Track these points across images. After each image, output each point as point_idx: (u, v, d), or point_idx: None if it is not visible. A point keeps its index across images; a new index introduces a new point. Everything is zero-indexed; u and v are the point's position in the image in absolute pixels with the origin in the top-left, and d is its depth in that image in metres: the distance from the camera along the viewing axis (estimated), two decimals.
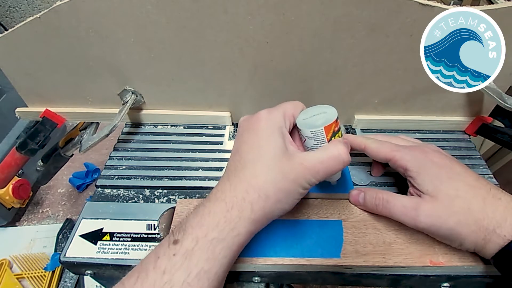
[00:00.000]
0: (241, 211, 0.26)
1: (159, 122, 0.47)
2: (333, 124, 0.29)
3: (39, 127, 0.46)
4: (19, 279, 0.79)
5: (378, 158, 0.34)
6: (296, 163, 0.27)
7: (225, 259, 0.25)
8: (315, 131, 0.29)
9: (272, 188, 0.26)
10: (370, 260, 0.30)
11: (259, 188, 0.26)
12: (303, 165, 0.27)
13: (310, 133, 0.29)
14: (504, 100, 0.33)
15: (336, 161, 0.27)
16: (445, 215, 0.28)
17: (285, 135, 0.29)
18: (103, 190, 0.39)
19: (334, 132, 0.29)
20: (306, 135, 0.30)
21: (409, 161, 0.31)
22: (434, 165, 0.30)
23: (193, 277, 0.23)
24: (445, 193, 0.29)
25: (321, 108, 0.30)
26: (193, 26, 0.35)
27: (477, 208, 0.27)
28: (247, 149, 0.28)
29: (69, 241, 0.33)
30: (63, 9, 0.35)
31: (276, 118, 0.29)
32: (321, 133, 0.29)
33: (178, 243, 0.24)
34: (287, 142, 0.29)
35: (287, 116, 0.30)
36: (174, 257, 0.23)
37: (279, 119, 0.29)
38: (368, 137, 0.36)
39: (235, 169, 0.28)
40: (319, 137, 0.29)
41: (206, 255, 0.24)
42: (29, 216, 0.96)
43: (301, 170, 0.27)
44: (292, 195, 0.27)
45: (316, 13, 0.33)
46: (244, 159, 0.28)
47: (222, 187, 0.27)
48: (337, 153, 0.27)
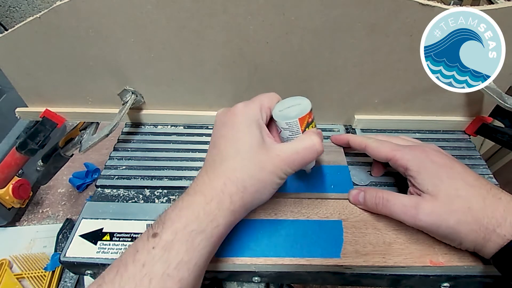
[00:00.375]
0: (220, 203, 0.26)
1: (159, 122, 0.47)
2: (307, 115, 0.29)
3: (39, 127, 0.46)
4: (19, 279, 0.79)
5: (378, 157, 0.34)
6: (273, 154, 0.28)
7: (204, 249, 0.25)
8: (290, 122, 0.29)
9: (249, 180, 0.27)
10: (370, 260, 0.30)
11: (237, 180, 0.27)
12: (279, 156, 0.28)
13: (285, 124, 0.30)
14: (504, 100, 0.33)
15: (310, 151, 0.28)
16: (445, 214, 0.28)
17: (262, 127, 0.30)
18: (103, 190, 0.39)
19: (308, 123, 0.30)
20: (281, 127, 0.30)
21: (410, 160, 0.31)
22: (434, 164, 0.31)
23: (172, 268, 0.23)
24: (445, 192, 0.29)
25: (295, 100, 0.31)
26: (193, 26, 0.35)
27: (477, 208, 0.27)
28: (224, 142, 0.29)
29: (69, 241, 0.33)
30: (63, 9, 0.35)
31: (253, 110, 0.30)
32: (296, 124, 0.29)
33: (157, 236, 0.24)
34: (264, 134, 0.29)
35: (263, 108, 0.30)
36: (153, 250, 0.24)
37: (256, 111, 0.30)
38: (368, 136, 0.36)
39: (214, 163, 0.28)
40: (293, 128, 0.30)
41: (185, 247, 0.24)
42: (29, 216, 0.96)
43: (278, 161, 0.28)
44: (270, 186, 0.28)
45: (316, 13, 0.33)
46: (222, 153, 0.28)
47: (201, 181, 0.28)
48: (311, 143, 0.28)
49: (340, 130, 0.45)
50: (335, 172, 0.37)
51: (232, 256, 0.31)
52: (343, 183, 0.36)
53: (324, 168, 0.38)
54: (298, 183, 0.36)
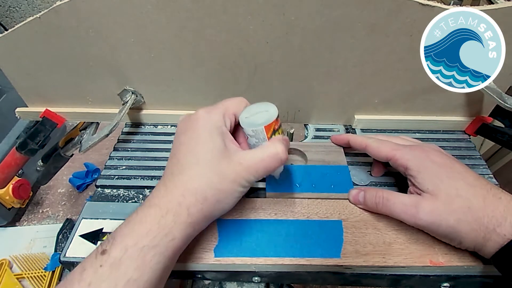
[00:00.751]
0: (176, 215, 0.25)
1: (159, 122, 0.47)
2: (273, 123, 0.29)
3: (39, 127, 0.46)
4: (19, 279, 0.79)
5: (378, 157, 0.34)
6: (235, 163, 0.27)
7: (158, 265, 0.24)
8: (256, 130, 0.29)
9: (210, 190, 0.26)
10: (370, 260, 0.30)
11: (195, 191, 0.26)
12: (242, 164, 0.27)
13: (251, 131, 0.29)
14: (504, 100, 0.33)
15: (274, 159, 0.28)
16: (445, 213, 0.28)
17: (225, 134, 0.29)
18: (103, 190, 0.39)
19: (274, 130, 0.29)
20: (248, 133, 0.30)
21: (410, 160, 0.31)
22: (435, 164, 0.31)
23: (121, 287, 0.22)
24: (445, 192, 0.29)
25: (263, 106, 0.31)
26: (193, 26, 0.35)
27: (477, 207, 0.27)
28: (184, 151, 0.28)
29: (69, 241, 0.33)
30: (63, 9, 0.35)
31: (215, 116, 0.29)
32: (262, 132, 0.29)
33: (105, 253, 0.23)
34: (228, 141, 0.29)
35: (227, 114, 0.30)
36: (101, 268, 0.22)
37: (218, 117, 0.29)
38: (368, 136, 0.36)
39: (172, 174, 0.27)
40: (260, 135, 0.29)
41: (135, 264, 0.23)
42: (29, 216, 0.95)
43: (240, 169, 0.27)
44: (232, 195, 0.28)
45: (316, 13, 0.33)
46: (181, 163, 0.27)
47: (157, 193, 0.27)
48: (275, 151, 0.28)
49: (340, 130, 0.45)
50: (335, 172, 0.37)
51: (232, 256, 0.31)
52: (343, 183, 0.36)
53: (324, 168, 0.38)
54: (298, 183, 0.36)
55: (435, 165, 0.30)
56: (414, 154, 0.32)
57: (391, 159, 0.33)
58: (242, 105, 0.31)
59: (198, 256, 0.30)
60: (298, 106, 0.44)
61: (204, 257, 0.30)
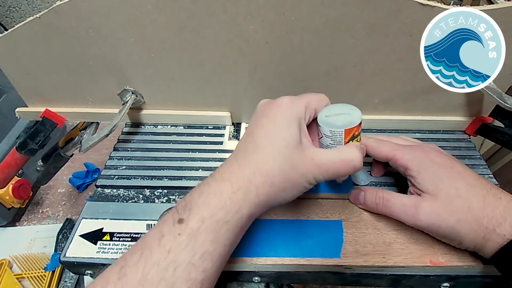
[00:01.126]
0: (246, 193, 0.25)
1: (159, 122, 0.47)
2: (355, 128, 0.28)
3: (39, 127, 0.46)
4: (19, 279, 0.79)
5: (378, 157, 0.34)
6: (308, 157, 0.27)
7: (228, 240, 0.25)
8: (335, 131, 0.28)
9: (279, 175, 0.26)
10: (370, 260, 0.30)
11: (266, 173, 0.26)
12: (314, 160, 0.27)
13: (329, 132, 0.28)
14: (504, 100, 0.33)
15: (348, 165, 0.27)
16: (445, 214, 0.28)
17: (302, 127, 0.28)
18: (103, 190, 0.39)
19: (354, 136, 0.28)
20: (324, 133, 0.29)
21: (410, 160, 0.31)
22: (435, 164, 0.30)
23: (198, 258, 0.23)
24: (445, 192, 0.29)
25: (346, 108, 0.30)
26: (193, 26, 0.35)
27: (477, 207, 0.27)
28: (262, 134, 0.27)
29: (69, 241, 0.33)
30: (63, 9, 0.35)
31: (298, 108, 0.28)
32: (340, 135, 0.28)
33: (183, 222, 0.24)
34: (303, 134, 0.28)
35: (309, 108, 0.29)
36: (180, 236, 0.23)
37: (300, 110, 0.28)
38: (368, 136, 0.36)
39: (246, 151, 0.27)
40: (337, 137, 0.28)
41: (211, 236, 0.24)
42: (29, 216, 0.96)
43: (311, 165, 0.27)
44: (297, 187, 0.27)
45: (316, 13, 0.33)
46: (256, 143, 0.27)
47: (230, 168, 0.27)
48: (351, 157, 0.27)
49: None
50: None
51: (232, 256, 0.30)
52: (343, 183, 0.36)
53: None
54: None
55: (435, 165, 0.30)
56: (414, 154, 0.32)
57: (391, 159, 0.33)
58: (323, 103, 0.30)
59: None
60: None
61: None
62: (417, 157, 0.31)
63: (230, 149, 0.43)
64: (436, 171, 0.30)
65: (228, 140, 0.44)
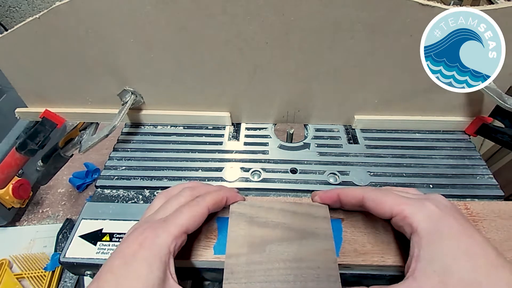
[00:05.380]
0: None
1: (158, 122, 0.47)
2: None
3: (39, 127, 0.46)
4: (19, 279, 0.79)
5: (380, 212, 0.27)
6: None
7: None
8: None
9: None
10: (369, 259, 0.30)
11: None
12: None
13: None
14: (504, 100, 0.33)
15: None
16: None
17: (168, 264, 0.24)
18: (102, 191, 0.39)
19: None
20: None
21: (421, 221, 0.24)
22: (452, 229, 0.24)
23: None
24: (458, 277, 0.22)
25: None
26: (193, 26, 0.35)
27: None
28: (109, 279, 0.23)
29: (68, 242, 0.33)
30: (62, 9, 0.35)
31: (163, 242, 0.24)
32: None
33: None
34: (168, 274, 0.24)
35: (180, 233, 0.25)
36: None
37: (165, 243, 0.24)
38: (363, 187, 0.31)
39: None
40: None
41: None
42: (29, 216, 0.96)
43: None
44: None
45: (316, 13, 0.33)
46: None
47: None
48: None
49: (340, 130, 0.45)
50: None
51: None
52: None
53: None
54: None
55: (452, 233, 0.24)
56: (427, 214, 0.25)
57: (397, 215, 0.26)
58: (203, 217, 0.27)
59: (198, 253, 0.30)
60: (298, 106, 0.44)
61: (203, 254, 0.30)
62: (431, 218, 0.24)
63: (230, 149, 0.43)
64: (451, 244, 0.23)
65: (228, 141, 0.44)
